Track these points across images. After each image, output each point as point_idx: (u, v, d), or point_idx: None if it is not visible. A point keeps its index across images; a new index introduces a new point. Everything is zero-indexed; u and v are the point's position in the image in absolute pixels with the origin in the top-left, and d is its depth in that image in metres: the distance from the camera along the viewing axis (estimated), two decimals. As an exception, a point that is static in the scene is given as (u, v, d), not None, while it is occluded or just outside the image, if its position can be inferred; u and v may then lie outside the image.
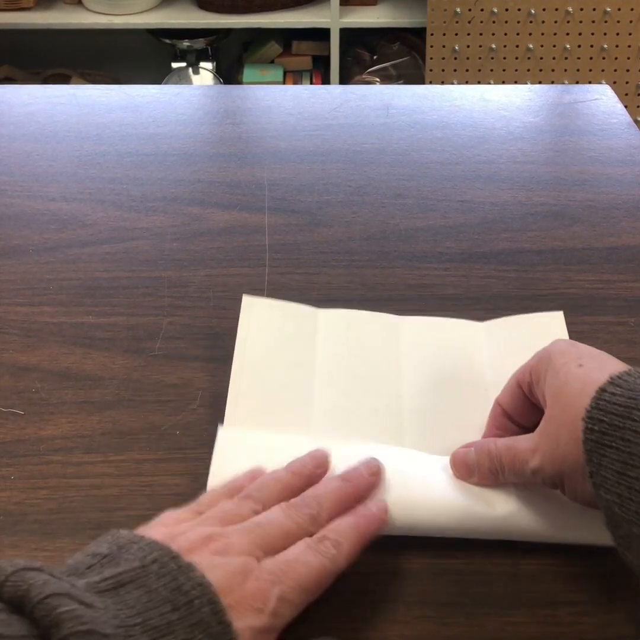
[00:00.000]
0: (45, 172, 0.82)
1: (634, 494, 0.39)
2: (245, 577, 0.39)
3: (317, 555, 0.42)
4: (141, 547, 0.38)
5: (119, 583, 0.36)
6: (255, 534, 0.42)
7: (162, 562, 0.37)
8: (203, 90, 1.10)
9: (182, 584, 0.37)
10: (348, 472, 0.48)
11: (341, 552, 0.43)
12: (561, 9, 1.94)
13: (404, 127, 0.89)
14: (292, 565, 0.41)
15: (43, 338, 0.62)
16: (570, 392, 0.44)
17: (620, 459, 0.40)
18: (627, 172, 0.81)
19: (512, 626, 0.45)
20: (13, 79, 2.26)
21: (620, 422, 0.40)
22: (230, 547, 0.41)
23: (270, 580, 0.40)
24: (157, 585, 0.36)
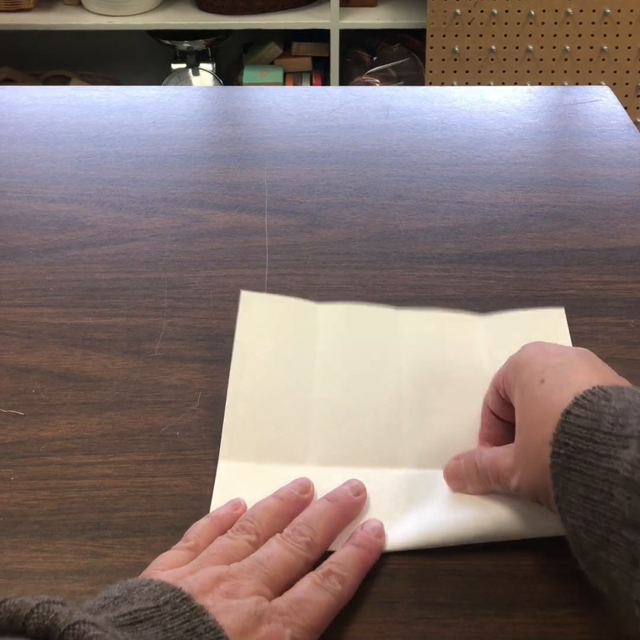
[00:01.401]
0: (45, 173, 0.82)
1: (599, 518, 0.37)
2: (258, 620, 0.40)
3: (325, 592, 0.43)
4: (152, 588, 0.39)
5: (136, 619, 0.37)
6: (259, 570, 0.43)
7: (174, 603, 0.38)
8: (203, 91, 1.10)
9: (196, 627, 0.37)
10: (334, 493, 0.49)
11: (346, 587, 0.44)
12: (561, 11, 1.94)
13: (403, 128, 0.89)
14: (302, 605, 0.42)
15: (43, 339, 0.62)
16: (534, 417, 0.44)
17: (584, 482, 0.39)
18: (627, 173, 0.82)
19: (511, 627, 0.45)
20: (13, 80, 2.26)
21: (584, 444, 0.39)
22: (239, 588, 0.41)
23: (282, 621, 0.41)
24: (172, 625, 0.37)
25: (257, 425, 0.55)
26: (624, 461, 0.36)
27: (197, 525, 0.48)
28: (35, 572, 0.47)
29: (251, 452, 0.54)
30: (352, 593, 0.45)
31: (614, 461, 0.36)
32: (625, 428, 0.36)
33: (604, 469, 0.37)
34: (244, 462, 0.53)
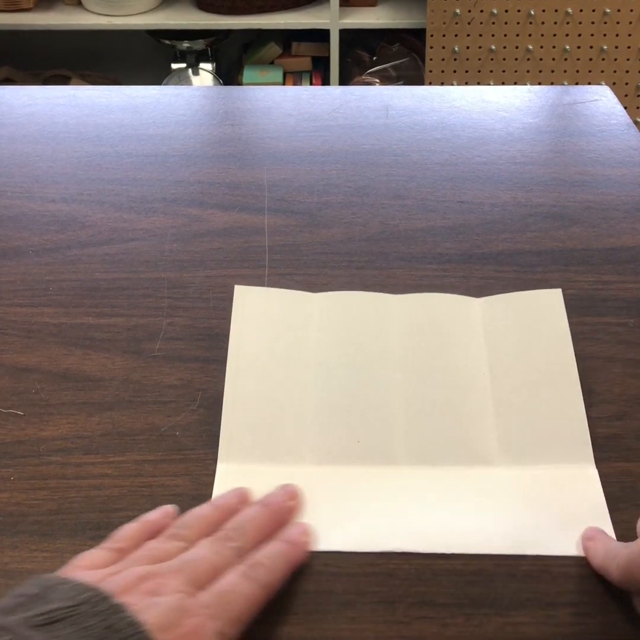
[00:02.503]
0: (45, 173, 0.82)
1: None
2: (181, 614, 0.39)
3: (251, 583, 0.43)
4: (70, 587, 0.38)
5: (52, 619, 0.36)
6: (185, 571, 0.42)
7: (92, 602, 0.38)
8: (203, 91, 1.10)
9: (114, 623, 0.37)
10: (267, 498, 0.49)
11: (273, 577, 0.44)
12: (561, 10, 1.94)
13: (403, 128, 0.89)
14: (226, 597, 0.42)
15: (43, 339, 0.62)
16: None
17: None
18: (627, 173, 0.82)
19: (511, 627, 0.45)
20: (13, 80, 2.26)
21: None
22: (162, 586, 0.41)
23: (207, 615, 0.40)
24: (90, 624, 0.36)
25: (254, 426, 0.55)
26: None
27: (126, 528, 0.47)
28: (35, 571, 0.47)
29: (249, 453, 0.54)
30: (279, 584, 0.44)
31: None
32: None
33: None
34: (243, 464, 0.53)
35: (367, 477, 0.52)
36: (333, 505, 0.51)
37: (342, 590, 0.46)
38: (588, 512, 0.49)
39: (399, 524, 0.49)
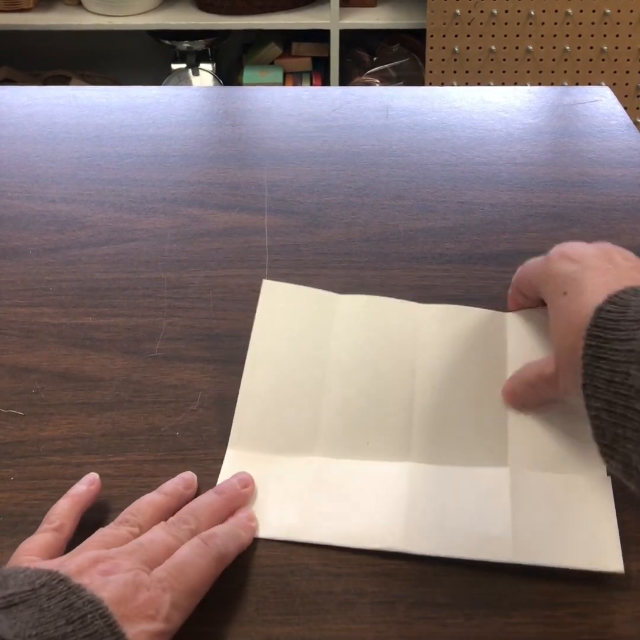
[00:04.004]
0: (45, 173, 0.82)
1: (620, 398, 0.41)
2: (136, 588, 0.40)
3: (205, 556, 0.44)
4: (28, 574, 0.39)
5: (10, 603, 0.37)
6: (139, 552, 0.43)
7: (50, 585, 0.38)
8: (203, 91, 1.10)
9: (73, 602, 0.38)
10: (221, 486, 0.50)
11: (226, 552, 0.45)
12: (561, 11, 1.94)
13: (403, 128, 0.89)
14: (182, 569, 0.43)
15: (43, 339, 0.62)
16: (564, 324, 0.48)
17: (609, 367, 0.42)
18: (627, 173, 0.82)
19: (511, 627, 0.45)
20: (13, 80, 2.26)
21: (611, 333, 0.43)
22: (117, 567, 0.42)
23: (161, 587, 0.41)
24: (49, 605, 0.37)
25: (267, 417, 0.55)
26: (639, 340, 0.39)
27: (58, 504, 0.48)
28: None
29: (259, 442, 0.54)
30: (231, 558, 0.46)
31: (633, 342, 0.40)
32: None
33: (624, 352, 0.41)
34: (251, 452, 0.54)
35: (372, 472, 0.52)
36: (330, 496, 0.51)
37: (341, 591, 0.46)
38: (595, 518, 0.49)
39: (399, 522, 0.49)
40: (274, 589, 0.46)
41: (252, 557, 0.48)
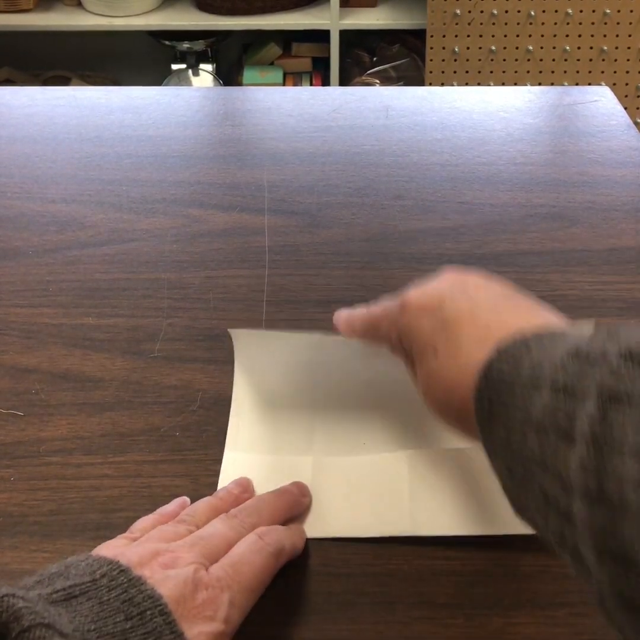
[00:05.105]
0: (45, 173, 0.82)
1: (517, 462, 0.37)
2: (195, 587, 0.40)
3: (262, 552, 0.43)
4: (89, 563, 0.39)
5: (71, 595, 0.37)
6: (199, 545, 0.43)
7: (111, 575, 0.38)
8: (203, 92, 1.10)
9: (133, 597, 0.37)
10: (281, 490, 0.50)
11: (284, 547, 0.45)
12: (561, 11, 1.94)
13: (403, 128, 0.89)
14: (238, 568, 0.42)
15: (43, 339, 0.62)
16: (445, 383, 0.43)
17: (505, 430, 0.38)
18: (627, 173, 0.82)
19: (511, 627, 0.45)
20: (13, 80, 2.26)
21: (505, 398, 0.38)
22: (177, 560, 0.41)
23: (219, 587, 0.41)
24: (109, 597, 0.37)
25: (263, 421, 0.55)
26: (536, 407, 0.36)
27: (143, 520, 0.48)
28: (35, 572, 0.47)
29: (256, 444, 0.54)
30: (289, 555, 0.45)
31: (529, 409, 0.36)
32: (539, 379, 0.36)
33: (520, 419, 0.37)
34: (250, 454, 0.54)
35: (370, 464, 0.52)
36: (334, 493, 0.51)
37: (341, 591, 0.46)
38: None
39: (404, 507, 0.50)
40: (274, 589, 0.46)
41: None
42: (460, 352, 0.42)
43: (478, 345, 0.41)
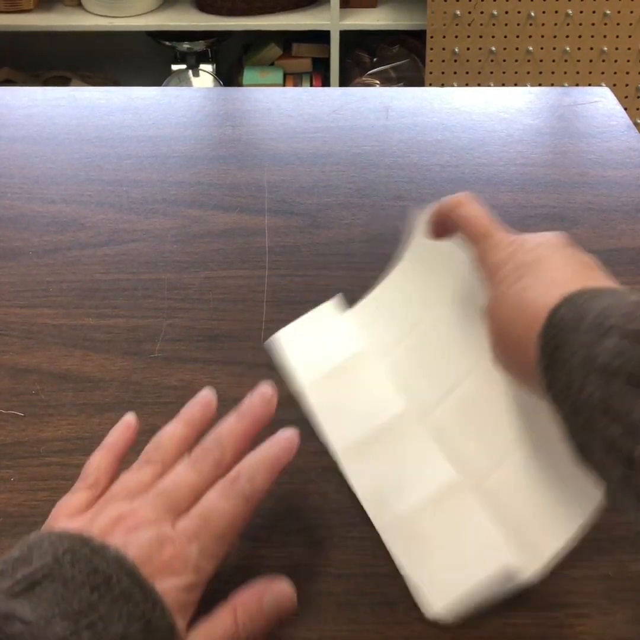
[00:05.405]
0: (45, 174, 0.82)
1: (578, 407, 0.38)
2: (160, 544, 0.39)
3: (231, 499, 0.42)
4: (52, 541, 0.38)
5: (33, 582, 0.36)
6: (161, 500, 0.42)
7: (74, 550, 0.37)
8: (203, 92, 1.10)
9: (97, 565, 0.36)
10: (242, 407, 0.46)
11: (255, 488, 0.42)
12: (561, 12, 1.94)
13: (403, 129, 0.89)
14: (207, 516, 0.41)
15: (43, 340, 0.62)
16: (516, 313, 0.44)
17: (566, 372, 0.39)
18: (627, 174, 0.82)
19: (511, 628, 0.45)
20: (13, 81, 2.26)
21: (569, 336, 0.39)
22: (141, 522, 0.40)
23: (186, 538, 0.40)
24: (72, 574, 0.36)
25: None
26: (602, 351, 0.37)
27: (93, 458, 0.45)
28: None
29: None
30: (263, 493, 0.42)
31: (595, 348, 0.37)
32: (608, 319, 0.38)
33: (583, 363, 0.38)
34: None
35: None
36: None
37: (342, 591, 0.46)
38: None
39: None
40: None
41: (252, 557, 0.48)
42: (535, 291, 0.44)
43: (549, 290, 0.43)
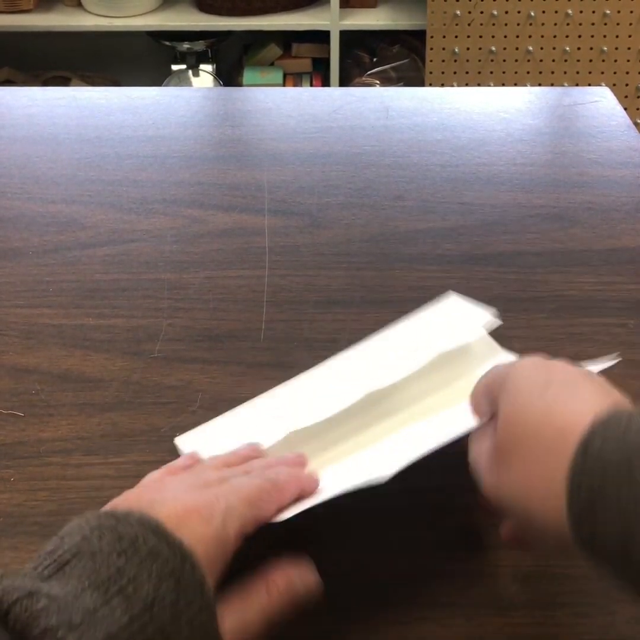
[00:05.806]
0: (45, 174, 0.82)
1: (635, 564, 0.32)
2: (189, 494, 0.40)
3: (261, 477, 0.43)
4: (80, 523, 0.37)
5: (62, 562, 0.35)
6: (193, 477, 0.43)
7: (100, 525, 0.36)
8: (203, 92, 1.10)
9: (122, 532, 0.36)
10: (286, 459, 0.48)
11: (284, 483, 0.43)
12: (561, 12, 1.94)
13: (403, 129, 0.89)
14: (235, 485, 0.41)
15: (43, 340, 0.62)
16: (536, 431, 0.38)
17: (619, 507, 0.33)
18: (627, 174, 0.82)
19: (511, 627, 0.45)
20: (13, 81, 2.26)
21: (614, 479, 0.33)
22: (168, 490, 0.41)
23: (215, 495, 0.40)
24: (100, 546, 0.35)
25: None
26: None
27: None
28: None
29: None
30: (290, 495, 0.43)
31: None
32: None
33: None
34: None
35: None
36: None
37: (341, 591, 0.46)
38: None
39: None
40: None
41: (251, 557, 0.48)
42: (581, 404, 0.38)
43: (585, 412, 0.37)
